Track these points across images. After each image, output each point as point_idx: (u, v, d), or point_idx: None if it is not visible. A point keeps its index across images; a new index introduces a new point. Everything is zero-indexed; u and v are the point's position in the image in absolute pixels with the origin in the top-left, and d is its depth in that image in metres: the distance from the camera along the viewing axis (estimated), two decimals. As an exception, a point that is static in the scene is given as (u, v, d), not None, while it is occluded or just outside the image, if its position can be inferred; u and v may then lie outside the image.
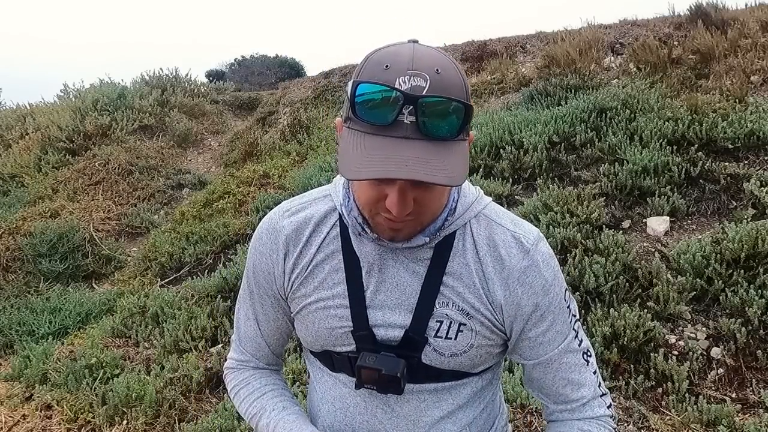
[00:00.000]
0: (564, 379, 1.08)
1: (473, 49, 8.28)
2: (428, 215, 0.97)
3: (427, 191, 0.92)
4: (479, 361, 1.06)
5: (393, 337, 1.03)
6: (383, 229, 0.98)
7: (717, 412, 2.71)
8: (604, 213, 4.11)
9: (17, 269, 5.81)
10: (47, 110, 9.69)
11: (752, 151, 4.58)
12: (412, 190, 0.90)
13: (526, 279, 1.01)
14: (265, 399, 1.16)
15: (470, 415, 1.10)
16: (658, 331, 3.14)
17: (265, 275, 1.11)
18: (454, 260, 1.02)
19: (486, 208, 1.06)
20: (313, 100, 9.26)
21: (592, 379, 1.09)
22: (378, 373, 1.01)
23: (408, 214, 0.92)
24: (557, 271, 1.05)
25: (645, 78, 6.12)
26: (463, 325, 1.02)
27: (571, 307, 1.07)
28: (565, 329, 1.06)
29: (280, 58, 15.11)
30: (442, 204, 0.98)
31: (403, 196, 0.89)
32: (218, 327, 4.00)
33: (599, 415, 1.09)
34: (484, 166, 5.04)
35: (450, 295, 1.02)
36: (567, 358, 1.07)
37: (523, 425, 2.74)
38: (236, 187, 6.60)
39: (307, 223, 1.08)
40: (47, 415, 3.31)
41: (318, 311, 1.07)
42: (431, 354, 1.03)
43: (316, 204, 1.10)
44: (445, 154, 0.86)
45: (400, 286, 1.03)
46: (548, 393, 1.11)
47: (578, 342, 1.08)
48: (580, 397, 1.08)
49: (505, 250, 1.02)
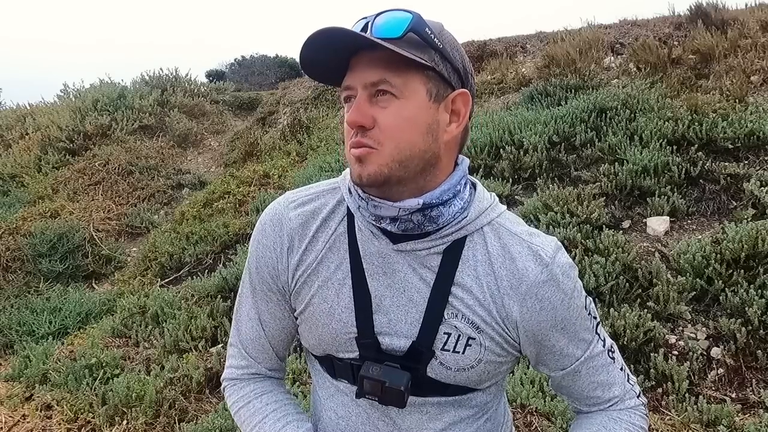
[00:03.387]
0: (593, 383, 1.05)
1: (473, 49, 8.27)
2: (392, 141, 0.92)
3: (384, 108, 0.92)
4: (486, 377, 1.02)
5: (398, 347, 0.99)
6: (353, 164, 0.94)
7: (717, 412, 2.71)
8: (604, 213, 4.11)
9: (17, 269, 5.81)
10: (47, 110, 9.69)
11: (752, 151, 4.58)
12: (370, 105, 0.92)
13: (545, 294, 0.97)
14: (268, 424, 1.08)
15: (473, 426, 1.06)
16: (658, 331, 3.14)
17: (269, 270, 1.05)
18: (463, 271, 0.97)
19: (500, 216, 1.01)
20: (313, 100, 9.27)
21: (621, 376, 1.06)
22: (382, 385, 0.97)
23: (366, 134, 0.92)
24: (576, 280, 1.01)
25: (645, 78, 6.12)
26: (471, 339, 0.97)
27: (592, 312, 1.04)
28: (588, 336, 1.03)
29: (280, 58, 15.11)
30: (409, 140, 0.92)
31: (358, 103, 0.92)
32: (218, 327, 4.00)
33: (631, 406, 1.07)
34: (484, 166, 5.04)
35: (459, 307, 0.97)
36: (594, 362, 1.03)
37: (523, 425, 2.73)
38: (236, 187, 6.60)
39: (315, 217, 1.03)
40: (47, 415, 3.31)
41: (322, 314, 1.02)
42: (437, 368, 0.98)
43: (324, 196, 1.05)
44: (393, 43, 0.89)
45: (408, 292, 0.98)
46: (579, 398, 1.08)
47: (602, 343, 1.05)
48: (612, 396, 1.06)
49: (522, 264, 0.97)
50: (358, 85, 0.93)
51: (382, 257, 0.99)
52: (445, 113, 0.96)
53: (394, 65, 0.91)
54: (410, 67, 0.91)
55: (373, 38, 0.89)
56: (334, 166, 5.90)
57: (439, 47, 0.93)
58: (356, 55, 0.94)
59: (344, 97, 0.96)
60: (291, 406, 1.11)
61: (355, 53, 0.94)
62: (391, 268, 0.98)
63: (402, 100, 0.91)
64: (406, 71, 0.91)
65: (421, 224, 0.96)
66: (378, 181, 0.93)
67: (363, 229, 1.00)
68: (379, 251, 0.99)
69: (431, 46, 0.93)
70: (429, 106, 0.93)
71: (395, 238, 0.98)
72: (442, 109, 0.95)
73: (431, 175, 0.96)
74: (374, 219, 0.97)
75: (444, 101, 0.95)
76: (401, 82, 0.91)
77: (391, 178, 0.93)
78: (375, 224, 0.98)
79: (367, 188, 0.96)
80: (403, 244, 0.97)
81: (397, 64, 0.90)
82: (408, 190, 0.95)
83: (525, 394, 2.84)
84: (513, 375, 2.98)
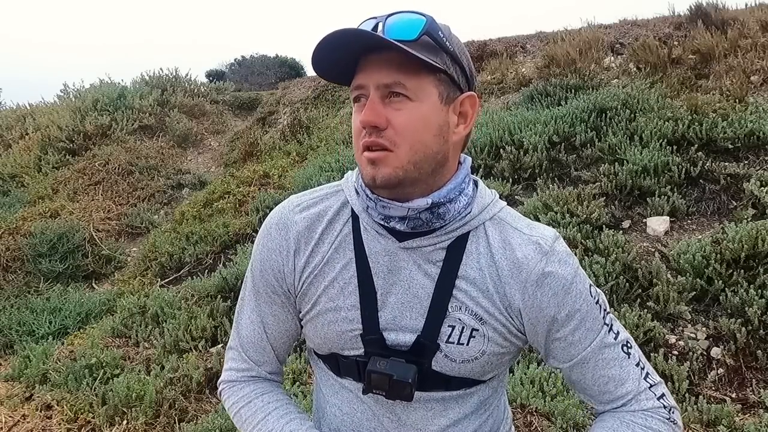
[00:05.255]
0: (604, 376, 1.02)
1: (473, 49, 8.27)
2: (407, 143, 0.93)
3: (398, 110, 0.93)
4: (489, 368, 1.03)
5: (404, 342, 1.00)
6: (365, 166, 0.95)
7: (717, 412, 2.71)
8: (604, 213, 4.11)
9: (17, 269, 5.81)
10: (47, 110, 9.69)
11: (752, 151, 4.58)
12: (383, 106, 0.93)
13: (545, 281, 0.98)
14: (271, 421, 1.07)
15: (476, 422, 1.08)
16: (658, 331, 3.14)
17: (275, 273, 1.06)
18: (467, 264, 0.99)
19: (501, 212, 1.04)
20: (313, 100, 9.27)
21: (636, 372, 1.02)
22: (389, 378, 0.98)
23: (381, 135, 0.93)
24: (577, 268, 1.01)
25: (645, 78, 6.12)
26: (475, 330, 0.99)
27: (600, 302, 1.03)
28: (597, 325, 1.01)
29: (280, 58, 15.09)
30: (422, 141, 0.94)
31: (372, 103, 0.93)
32: (218, 327, 4.00)
33: (647, 407, 1.02)
34: (484, 166, 5.04)
35: (463, 299, 0.99)
36: (604, 354, 1.01)
37: (523, 425, 2.73)
38: (236, 187, 6.59)
39: (320, 220, 1.05)
40: (47, 415, 3.31)
41: (328, 312, 1.03)
42: (442, 360, 1.00)
43: (329, 199, 1.07)
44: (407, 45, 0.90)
45: (413, 288, 1.00)
46: (591, 394, 1.05)
47: (614, 335, 1.02)
48: (625, 393, 1.02)
49: (521, 253, 0.99)
50: (371, 86, 0.94)
51: (387, 255, 1.01)
52: (453, 115, 0.98)
53: (409, 67, 0.92)
54: (424, 70, 0.93)
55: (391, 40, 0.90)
56: (334, 166, 5.90)
57: (450, 50, 0.95)
58: (366, 55, 0.95)
59: (354, 97, 0.98)
60: (292, 405, 1.12)
61: (365, 53, 0.95)
62: (396, 265, 1.00)
63: (416, 102, 0.94)
64: (420, 74, 0.93)
65: (429, 221, 0.98)
66: (392, 183, 0.95)
67: (369, 229, 1.02)
68: (384, 250, 1.01)
69: (443, 49, 0.95)
70: (440, 109, 0.96)
71: (401, 236, 1.00)
72: (451, 111, 0.98)
73: (440, 174, 0.99)
74: (383, 219, 0.99)
75: (453, 103, 0.98)
76: (415, 85, 0.93)
77: (406, 180, 0.95)
78: (384, 223, 1.00)
79: (379, 190, 0.97)
80: (409, 242, 1.00)
81: (412, 67, 0.92)
82: (418, 190, 0.98)
83: (525, 394, 2.84)
84: (513, 375, 2.98)
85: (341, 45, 0.92)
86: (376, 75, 0.93)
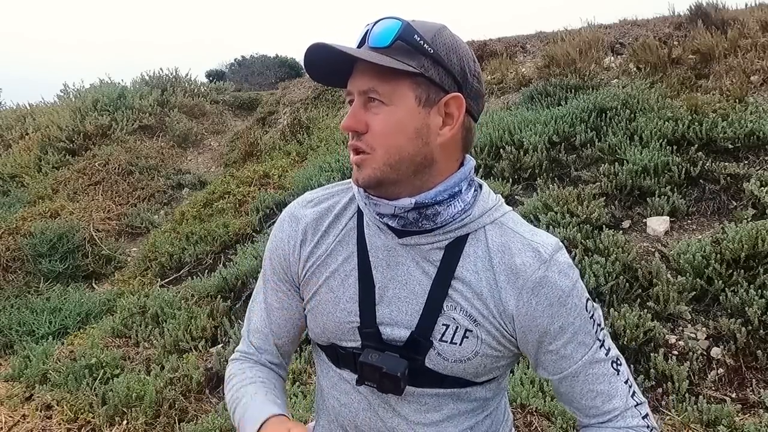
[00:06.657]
0: (593, 391, 1.03)
1: (473, 49, 8.25)
2: (382, 147, 0.97)
3: (375, 114, 0.97)
4: (483, 371, 1.04)
5: (398, 337, 1.03)
6: (353, 168, 1.01)
7: (717, 412, 2.71)
8: (604, 213, 4.11)
9: (17, 269, 5.81)
10: (47, 110, 9.69)
11: (752, 151, 4.58)
12: (365, 111, 0.98)
13: (542, 290, 0.99)
14: (249, 388, 1.11)
15: (472, 420, 1.09)
16: (658, 331, 3.14)
17: (281, 260, 1.13)
18: (463, 266, 1.01)
19: (504, 216, 1.05)
20: (313, 100, 9.26)
21: (624, 389, 1.04)
22: (379, 371, 1.00)
23: (361, 139, 0.98)
24: (576, 280, 1.01)
25: (645, 78, 6.12)
26: (469, 331, 1.01)
27: (595, 317, 1.03)
28: (589, 340, 1.02)
29: (280, 58, 15.09)
30: (397, 144, 0.97)
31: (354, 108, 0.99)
32: (218, 327, 4.00)
33: (632, 425, 1.03)
34: (484, 166, 5.04)
35: (458, 300, 1.01)
36: (594, 369, 1.02)
37: (523, 425, 2.73)
38: (236, 187, 6.59)
39: (328, 213, 1.10)
40: (47, 415, 3.31)
41: (328, 303, 1.07)
42: (435, 358, 1.02)
43: (339, 195, 1.12)
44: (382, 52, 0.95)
45: (410, 284, 1.02)
46: (578, 407, 1.06)
47: (605, 351, 1.03)
48: (612, 408, 1.03)
49: (520, 259, 0.99)
50: (355, 92, 1.00)
51: (387, 251, 1.04)
52: (437, 117, 0.99)
53: (383, 74, 0.95)
54: (398, 75, 0.96)
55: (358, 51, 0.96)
56: (334, 166, 5.89)
57: (429, 53, 0.96)
58: (357, 62, 0.99)
59: (348, 101, 1.03)
60: (278, 389, 1.16)
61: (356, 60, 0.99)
62: (395, 261, 1.03)
63: (391, 106, 0.97)
64: (394, 79, 0.96)
65: (417, 221, 1.01)
66: (372, 184, 1.00)
67: (371, 225, 1.06)
68: (385, 245, 1.04)
69: (421, 52, 0.96)
70: (418, 111, 0.97)
71: (400, 233, 1.03)
72: (434, 112, 0.99)
73: (427, 175, 1.01)
74: (377, 215, 1.04)
75: (436, 105, 0.98)
76: (389, 90, 0.96)
77: (384, 180, 0.99)
78: (379, 220, 1.04)
79: (366, 189, 1.03)
80: (408, 239, 1.02)
81: (385, 73, 0.95)
82: (404, 190, 1.00)
83: (525, 394, 2.85)
84: (513, 375, 2.98)
85: (322, 58, 0.97)
86: (358, 82, 0.99)
